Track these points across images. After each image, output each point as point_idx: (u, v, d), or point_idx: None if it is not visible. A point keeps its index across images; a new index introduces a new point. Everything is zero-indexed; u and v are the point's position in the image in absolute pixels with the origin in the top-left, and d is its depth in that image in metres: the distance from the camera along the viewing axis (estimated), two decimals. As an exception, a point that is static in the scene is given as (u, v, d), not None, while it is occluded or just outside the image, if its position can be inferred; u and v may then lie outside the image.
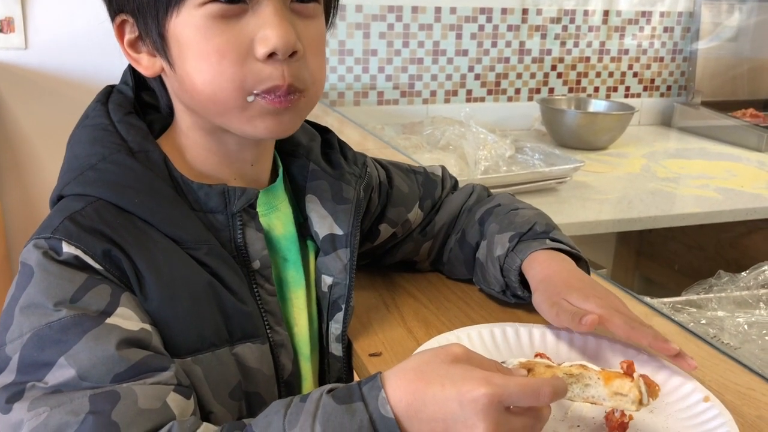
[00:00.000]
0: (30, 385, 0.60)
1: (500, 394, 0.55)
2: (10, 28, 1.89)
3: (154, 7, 0.67)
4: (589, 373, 0.64)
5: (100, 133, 0.72)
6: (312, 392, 0.60)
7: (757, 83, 2.66)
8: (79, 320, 0.62)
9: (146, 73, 0.73)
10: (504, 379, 0.57)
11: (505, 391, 0.56)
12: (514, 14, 2.38)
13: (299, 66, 0.69)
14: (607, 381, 0.63)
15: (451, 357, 0.59)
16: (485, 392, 0.55)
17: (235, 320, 0.71)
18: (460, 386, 0.56)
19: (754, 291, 1.26)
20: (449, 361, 0.59)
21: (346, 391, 0.59)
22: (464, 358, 0.60)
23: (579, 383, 0.64)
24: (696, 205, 1.83)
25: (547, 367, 0.64)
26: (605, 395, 0.63)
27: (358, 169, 0.87)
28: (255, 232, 0.75)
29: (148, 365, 0.62)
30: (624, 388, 0.62)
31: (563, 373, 0.64)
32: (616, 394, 0.63)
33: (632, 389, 0.62)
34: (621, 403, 0.63)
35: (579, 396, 0.64)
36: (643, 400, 0.62)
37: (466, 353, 0.60)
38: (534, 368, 0.64)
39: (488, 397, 0.55)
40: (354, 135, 1.85)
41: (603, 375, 0.63)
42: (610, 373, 0.64)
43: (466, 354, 0.60)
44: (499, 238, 0.91)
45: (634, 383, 0.62)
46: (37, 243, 0.66)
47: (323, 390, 0.60)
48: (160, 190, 0.70)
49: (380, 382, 0.58)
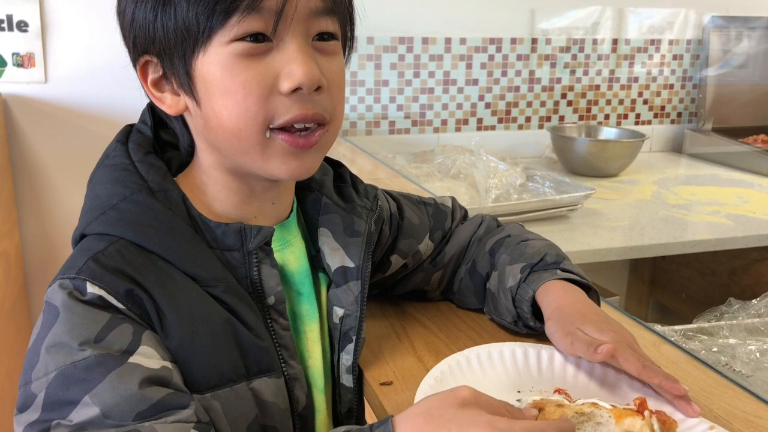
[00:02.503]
0: (55, 423, 0.62)
1: None
2: (31, 62, 1.93)
3: (181, 47, 0.69)
4: (601, 411, 0.64)
5: (120, 173, 0.75)
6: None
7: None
8: (103, 359, 0.64)
9: (170, 111, 0.75)
10: (509, 424, 0.58)
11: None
12: (524, 44, 2.41)
13: (323, 100, 0.71)
14: (618, 419, 0.64)
15: (459, 401, 0.61)
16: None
17: (252, 355, 0.73)
18: (466, 431, 0.57)
19: (766, 318, 1.27)
20: (457, 405, 0.60)
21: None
22: (473, 400, 0.61)
23: (590, 422, 0.64)
24: (707, 231, 1.83)
25: (558, 406, 0.65)
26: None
27: (370, 202, 0.89)
28: (270, 268, 0.77)
29: (169, 403, 0.64)
30: (635, 427, 0.63)
31: (574, 411, 0.65)
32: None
33: (643, 428, 0.63)
34: None
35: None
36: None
37: (474, 395, 0.62)
38: (545, 407, 0.65)
39: None
40: (366, 164, 1.87)
41: (614, 413, 0.64)
42: (621, 411, 0.64)
43: (474, 396, 0.61)
44: (510, 269, 0.92)
45: (646, 421, 0.63)
46: (62, 283, 0.68)
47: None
48: (179, 229, 0.72)
49: (391, 426, 0.60)
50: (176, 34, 0.69)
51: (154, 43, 0.71)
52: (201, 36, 0.68)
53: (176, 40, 0.69)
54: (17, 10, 1.87)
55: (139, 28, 0.72)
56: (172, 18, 0.69)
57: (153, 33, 0.70)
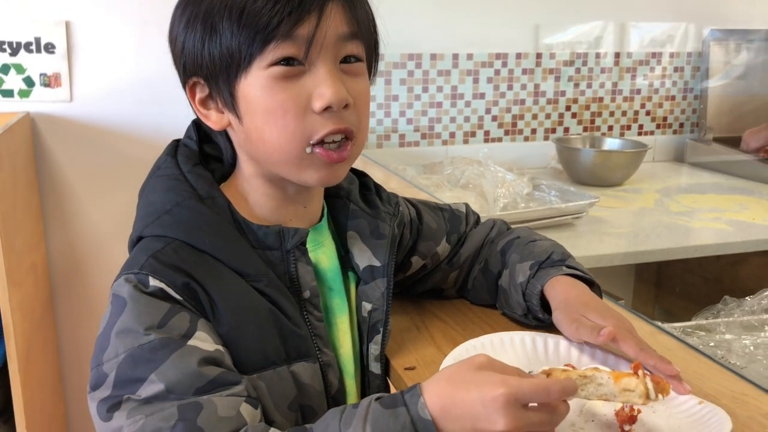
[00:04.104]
0: (126, 398, 0.71)
1: (515, 393, 0.65)
2: (57, 83, 1.98)
3: (225, 71, 0.79)
4: (601, 374, 0.73)
5: (172, 182, 0.84)
6: (362, 400, 0.70)
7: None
8: (166, 342, 0.73)
9: (215, 127, 0.85)
10: (518, 381, 0.66)
11: (519, 390, 0.65)
12: (529, 59, 2.46)
13: (349, 115, 0.80)
14: (616, 380, 0.73)
15: (476, 365, 0.69)
16: (502, 392, 0.65)
17: (291, 342, 0.82)
18: (481, 389, 0.66)
19: (759, 315, 1.34)
20: (474, 368, 0.69)
21: (391, 399, 0.69)
22: (488, 365, 0.69)
23: (593, 383, 0.73)
24: (708, 237, 1.88)
25: (563, 371, 0.74)
26: (615, 392, 0.72)
27: (392, 208, 0.98)
28: (305, 265, 0.86)
29: (223, 380, 0.73)
30: (631, 385, 0.72)
31: (578, 375, 0.73)
32: (624, 390, 0.72)
33: (638, 385, 0.71)
34: (630, 398, 0.72)
35: (593, 394, 0.73)
36: (650, 395, 0.72)
37: (489, 361, 0.70)
38: (552, 372, 0.74)
39: (505, 396, 0.65)
40: (378, 175, 1.92)
41: (613, 375, 0.73)
42: (619, 374, 0.73)
43: (489, 362, 0.70)
44: (520, 267, 1.01)
45: (640, 380, 0.72)
46: (128, 278, 0.77)
47: (372, 398, 0.70)
48: (226, 231, 0.82)
49: (419, 390, 0.68)
50: (221, 61, 0.78)
51: (202, 68, 0.80)
52: (243, 62, 0.77)
53: (221, 65, 0.78)
54: (45, 33, 1.93)
55: (188, 55, 0.81)
56: (217, 47, 0.78)
57: (201, 59, 0.80)
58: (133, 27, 1.99)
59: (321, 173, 0.82)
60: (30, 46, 1.95)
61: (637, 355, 0.84)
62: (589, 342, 0.89)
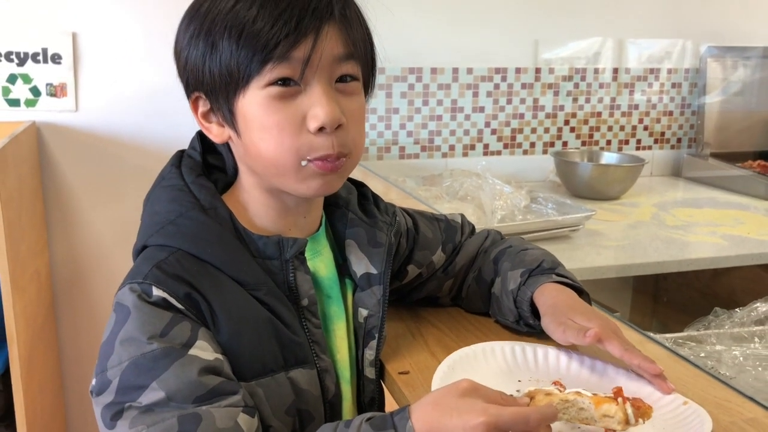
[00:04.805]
0: (128, 405, 0.74)
1: (495, 422, 0.68)
2: (63, 92, 2.01)
3: (224, 89, 0.82)
4: (582, 399, 0.76)
5: (176, 193, 0.87)
6: (354, 419, 0.73)
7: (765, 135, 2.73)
8: (168, 351, 0.75)
9: (216, 140, 0.88)
10: (498, 409, 0.69)
11: (500, 418, 0.68)
12: (528, 73, 2.48)
13: (344, 135, 0.83)
14: (597, 405, 0.76)
15: (461, 391, 0.72)
16: (483, 420, 0.68)
17: (289, 349, 0.84)
18: (463, 416, 0.69)
19: (749, 327, 1.37)
20: (458, 395, 0.71)
21: (381, 420, 0.72)
22: (472, 390, 0.72)
23: (574, 407, 0.76)
24: (703, 251, 1.89)
25: (546, 395, 0.77)
26: (596, 417, 0.76)
27: (389, 217, 1.01)
28: (304, 274, 0.88)
29: (222, 389, 0.76)
30: (611, 411, 0.75)
31: (560, 399, 0.76)
32: (604, 416, 0.75)
33: (617, 412, 0.75)
34: (609, 423, 0.76)
35: (575, 418, 0.77)
36: (630, 420, 0.75)
37: (473, 387, 0.73)
38: (535, 395, 0.77)
39: (485, 424, 0.67)
40: (378, 186, 1.95)
41: (594, 400, 0.76)
42: (600, 399, 0.76)
43: (473, 387, 0.72)
44: (511, 274, 1.04)
45: (620, 407, 0.75)
46: (132, 287, 0.79)
47: (363, 418, 0.73)
48: (228, 241, 0.84)
49: (408, 413, 0.71)
50: (221, 78, 0.81)
51: (203, 84, 0.83)
52: (241, 80, 0.80)
53: (221, 82, 0.81)
54: (52, 44, 1.97)
55: (191, 70, 0.84)
56: (217, 64, 0.81)
57: (202, 75, 0.83)
58: (139, 38, 2.03)
59: (317, 183, 0.84)
60: (37, 57, 1.98)
61: (622, 355, 0.87)
62: (577, 343, 0.92)
